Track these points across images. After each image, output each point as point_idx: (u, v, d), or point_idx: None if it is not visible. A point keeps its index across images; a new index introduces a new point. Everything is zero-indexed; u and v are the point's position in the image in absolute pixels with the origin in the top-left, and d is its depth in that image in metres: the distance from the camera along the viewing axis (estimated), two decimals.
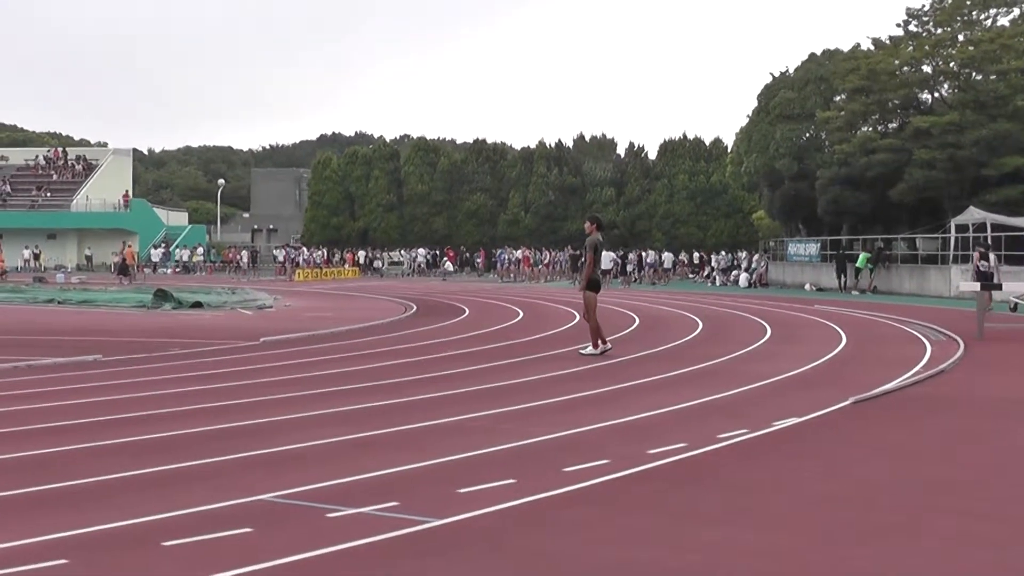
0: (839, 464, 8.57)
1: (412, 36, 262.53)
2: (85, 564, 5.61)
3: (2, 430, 9.80)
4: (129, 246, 59.61)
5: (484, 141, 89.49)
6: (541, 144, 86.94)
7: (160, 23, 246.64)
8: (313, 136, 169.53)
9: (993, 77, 47.60)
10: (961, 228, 42.27)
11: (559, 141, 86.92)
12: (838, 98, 55.14)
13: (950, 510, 7.00)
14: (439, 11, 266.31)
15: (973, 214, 41.68)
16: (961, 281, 33.30)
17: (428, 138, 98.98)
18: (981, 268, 29.40)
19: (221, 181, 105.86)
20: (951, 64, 49.58)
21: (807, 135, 56.25)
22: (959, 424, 10.83)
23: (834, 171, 51.38)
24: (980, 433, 10.34)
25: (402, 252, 78.29)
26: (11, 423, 10.20)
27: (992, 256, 30.99)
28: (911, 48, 50.62)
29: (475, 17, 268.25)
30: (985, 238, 38.85)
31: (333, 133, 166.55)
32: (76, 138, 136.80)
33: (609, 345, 17.37)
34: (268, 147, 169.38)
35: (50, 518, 6.52)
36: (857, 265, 45.82)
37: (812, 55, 60.70)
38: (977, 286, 23.40)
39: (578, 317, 22.92)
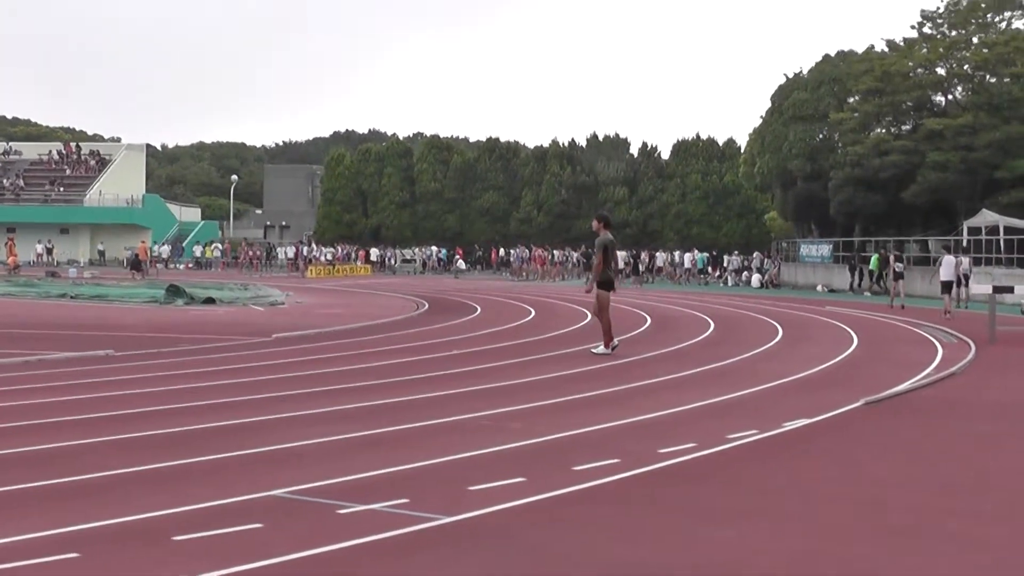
0: (849, 465, 8.57)
1: (426, 33, 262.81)
2: (96, 558, 5.63)
3: (13, 424, 9.85)
4: (143, 242, 59.78)
5: (497, 139, 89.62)
6: (554, 143, 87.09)
7: (173, 18, 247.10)
8: (326, 133, 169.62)
9: (1007, 80, 47.58)
10: (974, 230, 42.18)
11: (572, 140, 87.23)
12: (852, 99, 55.14)
13: (959, 512, 7.00)
14: (453, 8, 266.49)
15: (986, 216, 41.61)
16: (974, 284, 33.23)
17: (441, 136, 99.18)
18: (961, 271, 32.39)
19: (234, 177, 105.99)
20: (965, 66, 49.56)
21: (820, 136, 56.28)
22: (969, 427, 10.82)
23: (847, 172, 51.36)
24: (990, 436, 10.32)
25: (415, 250, 78.31)
26: (22, 417, 10.24)
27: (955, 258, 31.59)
28: (925, 50, 50.61)
29: (489, 15, 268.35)
30: (960, 243, 39.69)
31: (346, 130, 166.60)
32: (90, 133, 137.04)
33: (616, 342, 17.35)
34: (281, 143, 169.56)
35: (61, 512, 6.55)
36: (870, 268, 45.74)
37: (826, 56, 60.74)
38: (989, 289, 23.35)
39: (589, 316, 22.91)
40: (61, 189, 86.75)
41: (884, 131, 52.34)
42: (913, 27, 53.17)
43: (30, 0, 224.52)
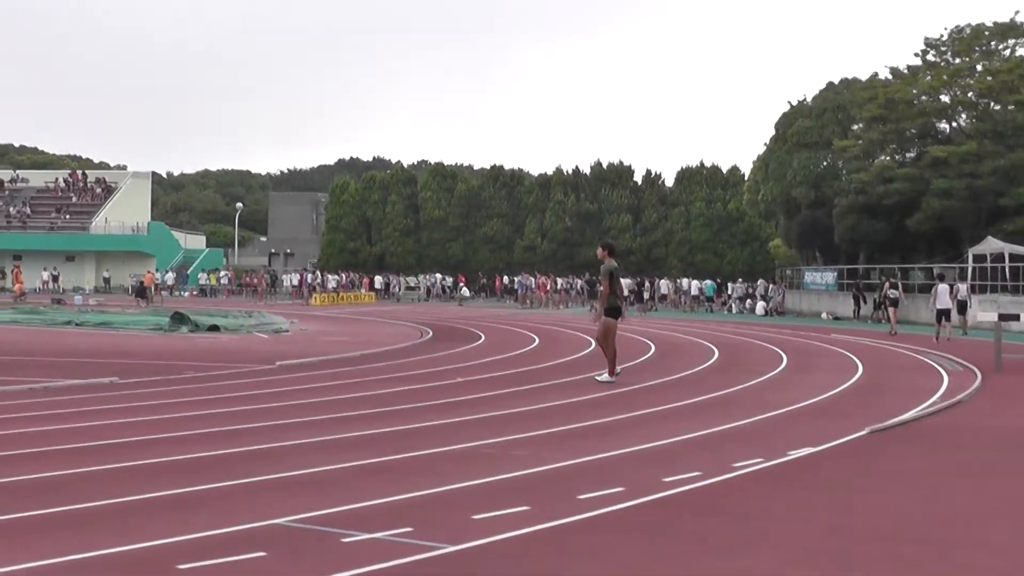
0: (855, 494, 8.53)
1: (430, 62, 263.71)
2: None
3: (18, 451, 9.83)
4: (149, 272, 59.90)
5: (501, 167, 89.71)
6: (558, 171, 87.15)
7: (179, 47, 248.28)
8: (331, 160, 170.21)
9: (1011, 107, 47.57)
10: (979, 258, 42.14)
11: (576, 168, 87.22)
12: (856, 127, 55.17)
13: (966, 542, 6.96)
14: (458, 38, 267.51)
15: (991, 244, 41.56)
16: (979, 312, 33.22)
17: (445, 164, 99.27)
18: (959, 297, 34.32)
19: (239, 204, 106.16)
20: (969, 94, 49.60)
21: (824, 163, 56.27)
22: (975, 456, 10.77)
23: (851, 199, 51.35)
24: (996, 465, 10.27)
25: (419, 277, 78.26)
26: (27, 444, 10.23)
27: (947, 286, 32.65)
28: (929, 77, 50.66)
29: (492, 45, 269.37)
30: (963, 271, 40.49)
31: (351, 158, 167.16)
32: (96, 161, 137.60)
33: (619, 370, 17.32)
34: (286, 171, 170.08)
35: (66, 540, 6.53)
36: (875, 296, 45.70)
37: (830, 84, 60.80)
38: (995, 316, 23.30)
39: (593, 344, 22.85)
40: (67, 216, 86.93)
41: (888, 158, 52.36)
42: (917, 55, 53.28)
43: (36, 30, 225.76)
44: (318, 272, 74.56)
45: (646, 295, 57.28)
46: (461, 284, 70.10)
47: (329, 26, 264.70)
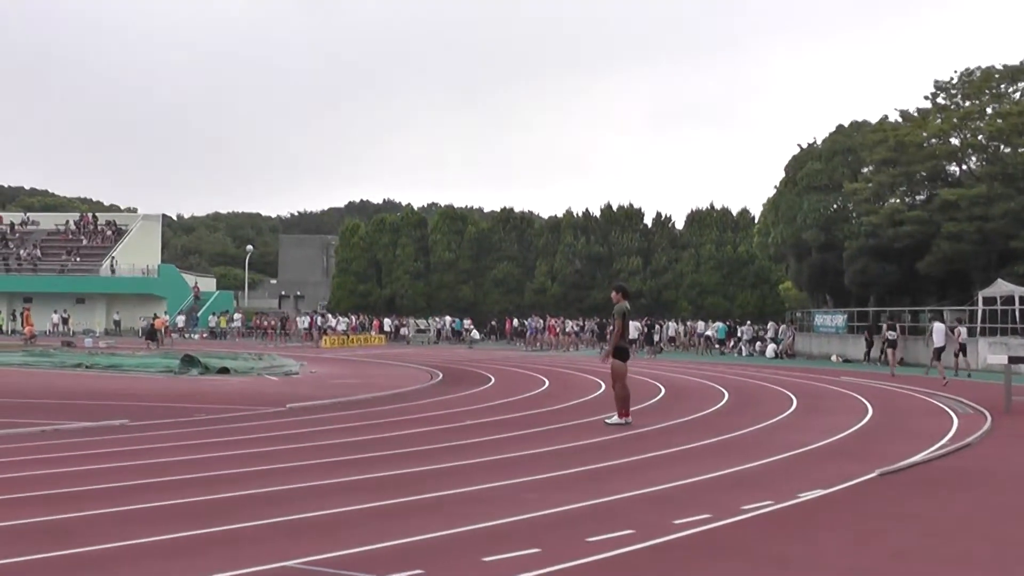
0: (865, 537, 8.51)
1: (440, 105, 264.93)
2: None
3: (28, 494, 9.85)
4: (156, 317, 60.05)
5: (511, 210, 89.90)
6: (568, 213, 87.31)
7: (189, 91, 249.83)
8: (341, 203, 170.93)
9: (1021, 150, 47.58)
10: (989, 300, 42.07)
11: (586, 210, 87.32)
12: (865, 169, 55.23)
13: None
14: (467, 81, 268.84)
15: (1001, 286, 41.52)
16: (989, 354, 33.18)
17: (456, 206, 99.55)
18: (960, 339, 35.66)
19: (249, 247, 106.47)
20: (979, 137, 49.65)
21: (834, 206, 56.30)
22: (985, 498, 10.73)
23: (861, 242, 51.37)
24: (1008, 507, 10.24)
25: (428, 320, 78.28)
26: (37, 487, 10.24)
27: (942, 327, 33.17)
28: (939, 120, 50.74)
29: (503, 87, 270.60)
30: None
31: (361, 200, 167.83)
32: (106, 203, 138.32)
33: (629, 419, 17.22)
34: (296, 214, 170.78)
35: None
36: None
37: (840, 127, 60.87)
38: (1004, 359, 23.26)
39: (603, 386, 22.82)
40: (78, 259, 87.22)
41: (898, 201, 52.38)
42: (927, 97, 53.39)
43: (47, 75, 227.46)
44: (327, 315, 74.59)
45: (656, 337, 57.19)
46: (470, 326, 70.09)
47: (339, 69, 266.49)
